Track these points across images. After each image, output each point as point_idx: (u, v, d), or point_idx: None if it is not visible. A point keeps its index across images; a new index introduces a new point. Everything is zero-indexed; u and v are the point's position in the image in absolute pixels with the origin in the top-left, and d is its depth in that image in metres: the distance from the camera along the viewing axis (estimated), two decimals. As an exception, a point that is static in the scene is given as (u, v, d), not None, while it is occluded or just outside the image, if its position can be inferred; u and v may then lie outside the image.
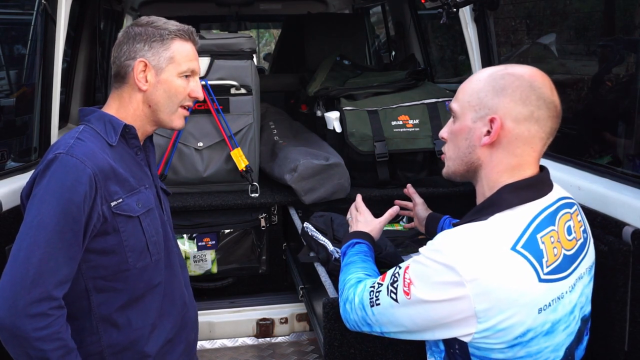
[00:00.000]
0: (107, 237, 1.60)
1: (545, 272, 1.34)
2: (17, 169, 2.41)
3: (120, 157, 1.65)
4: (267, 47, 13.03)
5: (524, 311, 1.32)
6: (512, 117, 1.38)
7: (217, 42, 2.96)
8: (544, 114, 1.39)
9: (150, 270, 1.69)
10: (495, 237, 1.34)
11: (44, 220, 1.49)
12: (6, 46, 3.39)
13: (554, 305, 1.36)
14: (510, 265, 1.31)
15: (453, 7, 2.59)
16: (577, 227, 1.48)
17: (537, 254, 1.34)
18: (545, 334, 1.36)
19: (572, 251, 1.43)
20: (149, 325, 1.70)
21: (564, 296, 1.38)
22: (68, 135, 1.63)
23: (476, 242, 1.33)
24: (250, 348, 2.81)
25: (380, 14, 5.35)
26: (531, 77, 1.40)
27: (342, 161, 2.92)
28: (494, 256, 1.31)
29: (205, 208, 2.87)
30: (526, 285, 1.32)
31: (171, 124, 1.75)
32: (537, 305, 1.33)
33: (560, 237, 1.40)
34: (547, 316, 1.36)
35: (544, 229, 1.37)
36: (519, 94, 1.39)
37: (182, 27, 1.72)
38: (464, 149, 1.47)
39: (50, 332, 1.47)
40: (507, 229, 1.35)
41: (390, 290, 1.46)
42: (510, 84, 1.40)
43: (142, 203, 1.67)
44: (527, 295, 1.32)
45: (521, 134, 1.39)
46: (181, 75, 1.71)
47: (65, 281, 1.52)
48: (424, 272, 1.38)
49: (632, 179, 1.97)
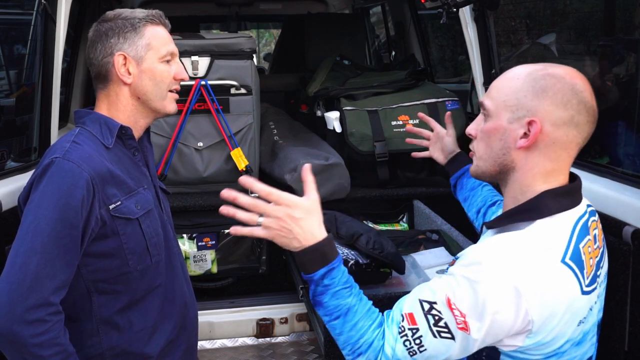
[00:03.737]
0: (106, 240, 1.59)
1: (586, 284, 1.31)
2: (17, 169, 2.41)
3: (117, 159, 1.64)
4: (267, 47, 13.03)
5: (568, 324, 1.29)
6: (552, 120, 1.32)
7: (217, 42, 2.95)
8: (584, 119, 1.33)
9: (151, 271, 1.69)
10: (544, 247, 1.28)
11: (41, 226, 1.48)
12: (6, 46, 3.38)
13: (588, 316, 1.33)
14: (561, 278, 1.27)
15: (453, 7, 2.59)
16: (600, 235, 1.45)
17: (580, 265, 1.30)
18: (577, 344, 1.33)
19: (597, 258, 1.40)
20: (150, 327, 1.70)
21: (592, 307, 1.36)
22: (64, 139, 1.61)
23: (527, 254, 1.27)
24: (250, 348, 2.81)
25: (380, 14, 5.35)
26: (573, 79, 1.34)
27: (342, 161, 2.92)
28: (546, 268, 1.26)
29: (205, 208, 2.87)
30: (572, 298, 1.28)
31: (164, 110, 1.73)
32: (578, 318, 1.30)
33: (591, 246, 1.37)
34: (583, 327, 1.33)
35: (582, 238, 1.33)
36: (560, 96, 1.32)
37: (150, 12, 1.70)
38: (498, 150, 1.39)
39: (48, 338, 1.46)
40: (554, 239, 1.30)
41: (438, 332, 1.29)
42: (551, 85, 1.33)
43: (140, 205, 1.66)
44: (572, 308, 1.28)
45: (559, 139, 1.33)
46: (162, 60, 1.69)
47: (62, 287, 1.51)
48: (477, 299, 1.25)
49: (632, 179, 1.97)
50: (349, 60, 3.81)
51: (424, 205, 2.92)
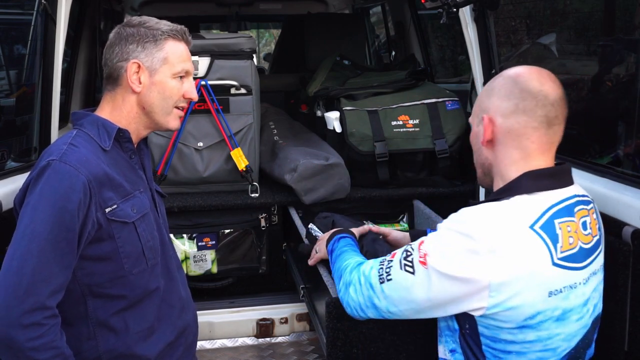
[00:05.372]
0: (102, 243, 1.58)
1: (559, 257, 1.37)
2: (17, 169, 2.41)
3: (114, 162, 1.64)
4: (267, 47, 13.03)
5: (535, 292, 1.35)
6: (501, 112, 1.47)
7: (217, 42, 2.95)
8: (530, 104, 1.44)
9: (147, 275, 1.68)
10: (515, 214, 1.39)
11: (37, 229, 1.47)
12: (6, 46, 3.39)
13: (566, 293, 1.39)
14: (526, 243, 1.36)
15: (453, 7, 2.59)
16: (594, 223, 1.51)
17: (553, 237, 1.38)
18: (557, 319, 1.39)
19: (588, 245, 1.46)
20: (146, 329, 1.69)
21: (577, 286, 1.41)
22: (61, 141, 1.60)
23: (497, 216, 1.38)
24: (250, 348, 2.81)
25: (380, 14, 5.35)
26: (517, 73, 1.48)
27: (342, 161, 2.92)
28: (513, 231, 1.36)
29: (205, 208, 2.87)
30: (539, 265, 1.36)
31: (167, 125, 1.73)
32: (548, 288, 1.37)
33: (577, 230, 1.43)
34: (558, 302, 1.38)
35: (561, 216, 1.41)
36: (503, 90, 1.48)
37: (174, 27, 1.70)
38: (476, 153, 1.58)
39: (44, 342, 1.45)
40: (527, 209, 1.40)
41: (404, 265, 1.48)
42: (497, 83, 1.51)
43: (137, 208, 1.65)
44: (539, 276, 1.35)
45: (512, 127, 1.46)
46: (175, 76, 1.69)
47: (59, 290, 1.50)
48: (441, 242, 1.42)
49: (632, 179, 1.97)
50: (349, 60, 3.81)
51: (424, 205, 2.92)
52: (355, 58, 3.97)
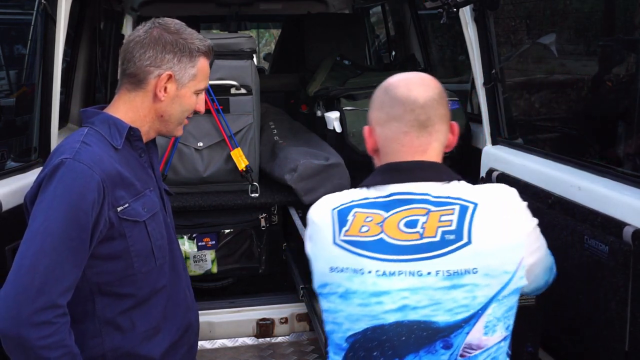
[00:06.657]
0: (113, 242, 1.58)
1: (341, 239, 1.47)
2: (17, 169, 2.40)
3: (125, 160, 1.63)
4: (267, 47, 13.03)
5: (321, 263, 1.50)
6: (378, 123, 1.54)
7: (217, 42, 2.95)
8: (399, 110, 1.49)
9: (155, 273, 1.68)
10: (334, 199, 1.54)
11: (51, 227, 1.47)
12: (6, 46, 3.39)
13: (349, 274, 1.45)
14: (322, 221, 1.52)
15: (453, 7, 2.59)
16: (433, 224, 1.42)
17: (341, 221, 1.49)
18: (340, 296, 1.47)
19: (408, 243, 1.41)
20: (152, 328, 1.69)
21: (364, 273, 1.44)
22: (72, 139, 1.60)
23: (325, 199, 1.56)
24: (250, 348, 2.81)
25: (380, 14, 5.35)
26: (388, 83, 1.55)
27: (342, 161, 2.92)
28: (320, 212, 1.54)
29: (205, 208, 2.87)
30: (324, 242, 1.50)
31: (174, 133, 1.77)
32: (329, 264, 1.48)
33: (386, 224, 1.45)
34: (340, 279, 1.46)
35: (365, 208, 1.49)
36: (377, 102, 1.55)
37: (207, 45, 1.70)
38: None
39: (55, 340, 1.45)
40: (343, 197, 1.54)
41: None
42: (374, 96, 1.57)
43: (147, 207, 1.65)
44: (324, 251, 1.50)
45: (388, 134, 1.52)
46: (196, 92, 1.71)
47: (70, 289, 1.50)
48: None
49: (632, 179, 1.97)
50: (349, 60, 3.82)
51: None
52: (355, 58, 3.98)
